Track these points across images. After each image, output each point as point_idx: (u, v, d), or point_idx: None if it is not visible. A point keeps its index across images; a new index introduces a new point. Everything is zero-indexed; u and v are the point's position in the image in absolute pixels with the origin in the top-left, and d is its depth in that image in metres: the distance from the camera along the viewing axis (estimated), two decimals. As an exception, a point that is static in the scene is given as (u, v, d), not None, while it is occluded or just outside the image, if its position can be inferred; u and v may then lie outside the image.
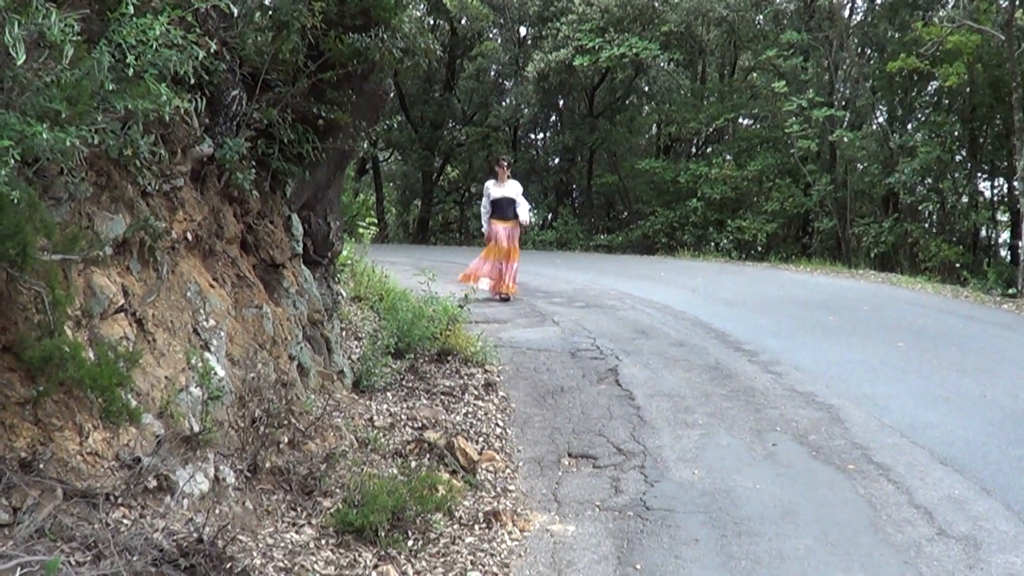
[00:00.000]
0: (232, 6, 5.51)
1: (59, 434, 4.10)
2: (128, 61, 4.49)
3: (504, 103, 36.87)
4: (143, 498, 4.34)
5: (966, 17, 21.44)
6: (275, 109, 6.80)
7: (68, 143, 3.91)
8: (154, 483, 4.44)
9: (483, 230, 15.55)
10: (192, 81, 5.07)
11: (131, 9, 4.56)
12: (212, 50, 5.53)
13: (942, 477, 6.81)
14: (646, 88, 34.76)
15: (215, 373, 5.38)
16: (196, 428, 4.99)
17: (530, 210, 16.39)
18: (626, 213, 33.42)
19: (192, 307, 5.56)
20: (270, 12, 7.10)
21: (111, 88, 4.32)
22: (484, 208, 15.45)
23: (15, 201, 3.73)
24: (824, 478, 6.84)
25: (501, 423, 8.15)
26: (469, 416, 8.17)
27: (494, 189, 15.27)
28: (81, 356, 4.11)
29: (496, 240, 14.98)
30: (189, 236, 5.78)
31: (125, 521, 4.11)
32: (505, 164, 15.61)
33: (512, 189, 15.34)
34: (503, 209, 15.18)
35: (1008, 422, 8.15)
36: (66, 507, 3.91)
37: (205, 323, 5.62)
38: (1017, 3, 19.98)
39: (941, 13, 24.71)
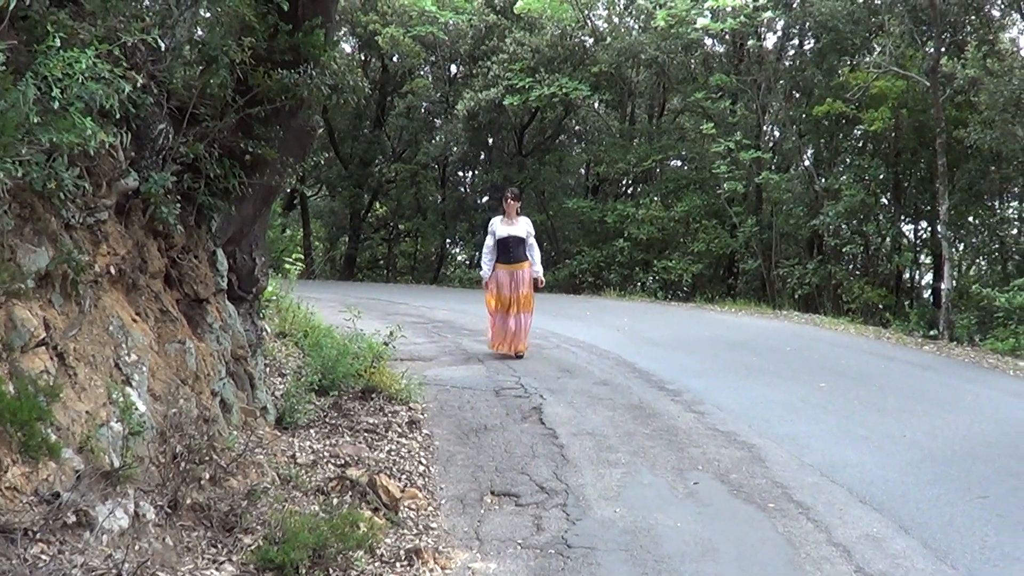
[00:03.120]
0: (160, 40, 5.52)
1: (-25, 469, 4.05)
2: (54, 94, 4.48)
3: (434, 141, 36.95)
4: (62, 533, 4.29)
5: (892, 63, 21.96)
6: (202, 143, 6.76)
7: (-9, 175, 3.90)
8: (73, 518, 4.38)
9: (482, 275, 13.32)
10: (118, 115, 5.06)
11: (58, 42, 4.56)
12: (139, 84, 5.50)
13: (861, 516, 6.93)
14: (576, 128, 35.06)
15: (136, 408, 5.33)
16: (116, 463, 4.93)
17: (533, 253, 13.33)
18: (553, 252, 33.56)
19: (114, 341, 5.52)
20: (199, 46, 7.10)
21: (36, 121, 4.31)
22: (487, 250, 13.21)
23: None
24: (744, 516, 6.92)
25: (424, 461, 8.13)
26: (392, 454, 8.14)
27: (500, 227, 13.07)
28: (0, 390, 4.07)
29: (499, 287, 12.96)
30: (112, 270, 5.73)
31: (43, 557, 4.06)
32: (511, 197, 13.30)
33: (522, 227, 13.13)
34: (509, 250, 12.97)
35: (927, 461, 8.33)
36: (-19, 543, 3.86)
37: (127, 358, 5.58)
38: (943, 50, 20.50)
39: (868, 59, 25.22)
